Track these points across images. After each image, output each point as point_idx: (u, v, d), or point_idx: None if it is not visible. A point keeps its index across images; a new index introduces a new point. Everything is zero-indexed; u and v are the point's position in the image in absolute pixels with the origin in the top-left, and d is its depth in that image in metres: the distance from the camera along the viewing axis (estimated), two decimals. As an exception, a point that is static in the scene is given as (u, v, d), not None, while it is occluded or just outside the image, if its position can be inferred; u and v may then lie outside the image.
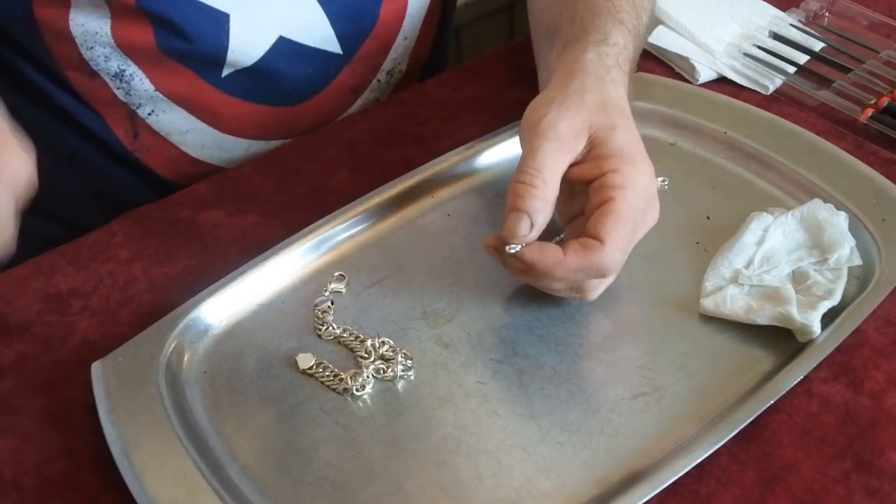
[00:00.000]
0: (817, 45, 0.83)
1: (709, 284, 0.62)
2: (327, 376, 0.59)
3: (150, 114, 0.79)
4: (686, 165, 0.73)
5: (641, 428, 0.56)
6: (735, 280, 0.62)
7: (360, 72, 0.85)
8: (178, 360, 0.60)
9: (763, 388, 0.56)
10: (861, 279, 0.63)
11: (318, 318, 0.62)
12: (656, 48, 0.84)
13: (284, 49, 0.78)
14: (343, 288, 0.65)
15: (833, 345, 0.58)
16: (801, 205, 0.66)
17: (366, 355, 0.60)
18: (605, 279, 0.60)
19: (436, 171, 0.71)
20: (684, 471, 0.52)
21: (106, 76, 0.77)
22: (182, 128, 0.81)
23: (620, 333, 0.61)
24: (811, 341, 0.59)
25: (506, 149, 0.72)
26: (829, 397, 0.57)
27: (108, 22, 0.73)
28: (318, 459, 0.55)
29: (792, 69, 0.81)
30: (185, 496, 0.52)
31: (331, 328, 0.62)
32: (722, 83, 0.81)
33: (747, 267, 0.63)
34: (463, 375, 0.59)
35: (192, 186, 0.75)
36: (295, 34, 0.78)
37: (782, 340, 0.59)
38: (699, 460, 0.53)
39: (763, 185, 0.71)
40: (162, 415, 0.56)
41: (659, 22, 0.85)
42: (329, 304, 0.63)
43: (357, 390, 0.58)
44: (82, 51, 0.75)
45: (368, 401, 0.58)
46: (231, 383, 0.60)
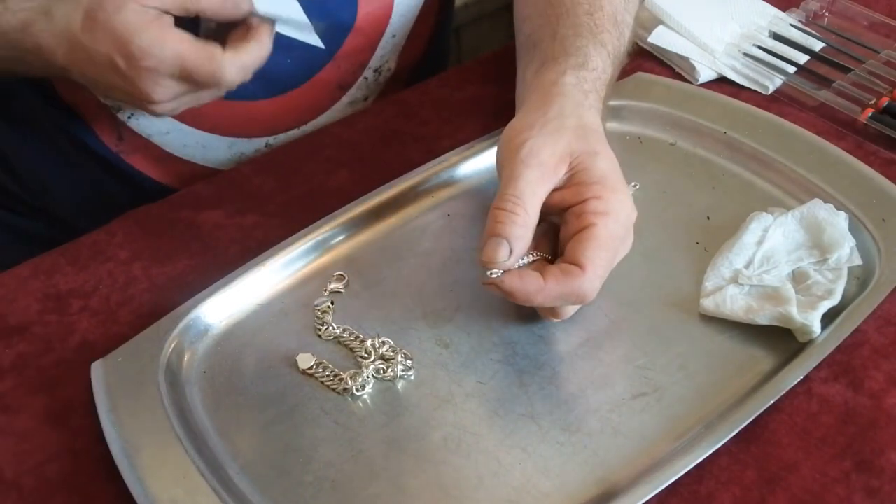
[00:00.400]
0: (817, 45, 0.83)
1: (709, 284, 0.62)
2: (327, 376, 0.59)
3: (129, 117, 0.79)
4: (686, 165, 0.73)
5: (641, 428, 0.56)
6: (735, 280, 0.62)
7: (345, 68, 0.84)
8: (178, 360, 0.60)
9: (763, 388, 0.56)
10: (861, 279, 0.63)
11: (318, 318, 0.62)
12: (656, 48, 0.84)
13: None
14: (343, 288, 0.65)
15: (833, 345, 0.58)
16: (801, 205, 0.66)
17: (366, 355, 0.60)
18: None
19: (436, 171, 0.71)
20: (684, 471, 0.52)
21: None
22: (162, 129, 0.80)
23: (620, 333, 0.61)
24: (811, 341, 0.59)
25: (506, 149, 0.72)
26: (829, 397, 0.57)
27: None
28: (318, 459, 0.55)
29: (792, 69, 0.81)
30: (185, 496, 0.52)
31: (331, 328, 0.62)
32: (722, 83, 0.81)
33: (747, 267, 0.63)
34: (463, 375, 0.59)
35: (192, 186, 0.75)
36: None
37: (782, 340, 0.59)
38: (699, 460, 0.53)
39: (763, 185, 0.71)
40: (162, 415, 0.56)
41: (659, 22, 0.85)
42: (329, 304, 0.63)
43: (357, 390, 0.58)
44: None
45: (368, 401, 0.58)
46: (231, 383, 0.60)
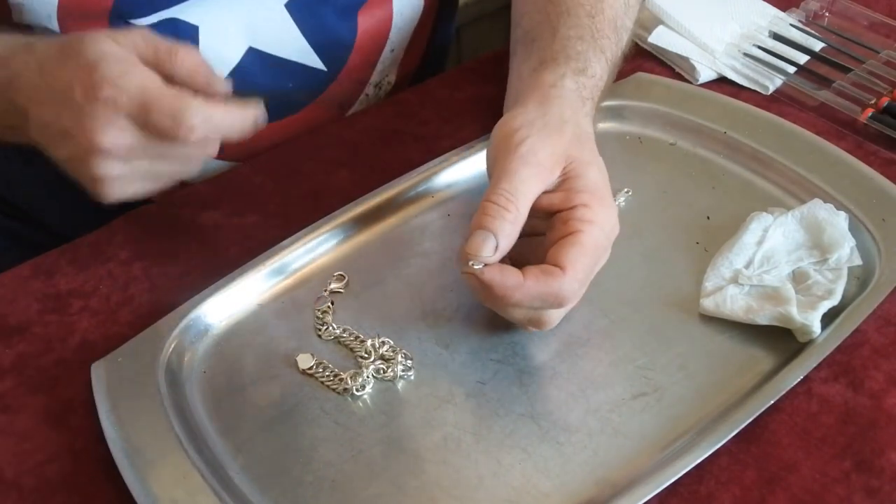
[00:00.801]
0: (817, 45, 0.83)
1: (709, 284, 0.62)
2: (327, 376, 0.59)
3: None
4: (686, 165, 0.73)
5: (641, 428, 0.56)
6: (735, 280, 0.62)
7: (346, 87, 0.84)
8: (178, 360, 0.60)
9: (763, 388, 0.56)
10: (861, 279, 0.63)
11: (318, 318, 0.62)
12: (656, 48, 0.84)
13: (257, 61, 0.77)
14: (343, 288, 0.65)
15: (833, 345, 0.58)
16: (801, 205, 0.66)
17: (366, 355, 0.60)
18: (561, 310, 0.59)
19: (436, 171, 0.71)
20: (684, 471, 0.52)
21: None
22: None
23: (620, 333, 0.61)
24: (811, 341, 0.59)
25: (506, 149, 0.72)
26: (829, 397, 0.57)
27: None
28: (318, 459, 0.55)
29: (792, 69, 0.81)
30: (185, 496, 0.52)
31: (331, 328, 0.62)
32: (722, 83, 0.81)
33: (747, 267, 0.63)
34: (463, 375, 0.59)
35: (193, 186, 0.75)
36: (266, 45, 0.77)
37: (782, 340, 0.60)
38: (699, 460, 0.53)
39: (763, 185, 0.71)
40: (162, 415, 0.56)
41: (659, 22, 0.85)
42: (329, 304, 0.63)
43: (357, 390, 0.58)
44: None
45: (368, 401, 0.58)
46: (231, 383, 0.60)
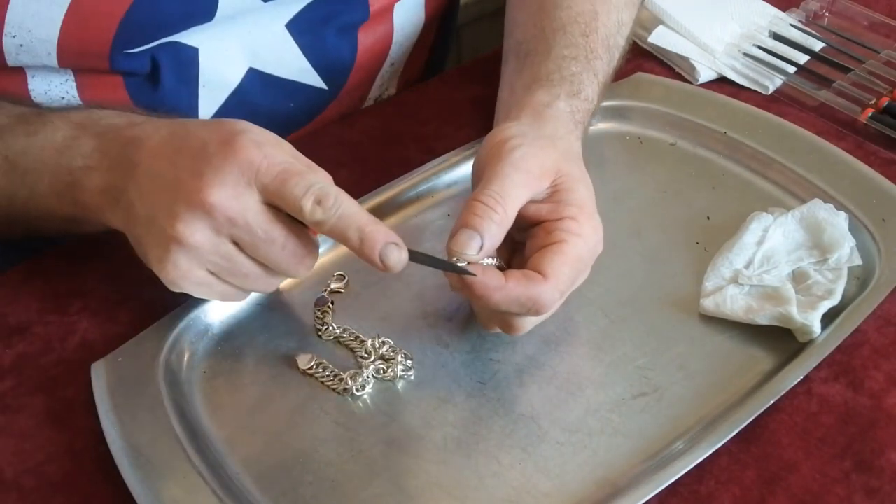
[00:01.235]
0: (817, 45, 0.83)
1: (709, 284, 0.62)
2: (327, 376, 0.59)
3: None
4: (686, 165, 0.73)
5: (641, 428, 0.56)
6: (735, 280, 0.62)
7: (347, 103, 0.84)
8: (178, 360, 0.60)
9: (763, 388, 0.56)
10: (861, 279, 0.63)
11: (318, 318, 0.62)
12: (656, 48, 0.84)
13: (257, 81, 0.77)
14: (343, 288, 0.65)
15: (833, 345, 0.58)
16: (801, 205, 0.66)
17: (366, 355, 0.60)
18: (536, 318, 0.58)
19: (436, 171, 0.71)
20: (684, 471, 0.52)
21: None
22: None
23: (620, 333, 0.61)
24: (811, 341, 0.59)
25: (506, 149, 0.72)
26: (829, 397, 0.57)
27: (73, 85, 0.71)
28: (318, 459, 0.55)
29: (792, 69, 0.81)
30: (185, 496, 0.52)
31: (331, 328, 0.62)
32: (722, 83, 0.81)
33: (747, 267, 0.63)
34: (463, 375, 0.59)
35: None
36: (266, 66, 0.76)
37: (782, 340, 0.60)
38: (699, 460, 0.53)
39: (763, 185, 0.71)
40: (162, 415, 0.56)
41: (659, 22, 0.85)
42: (329, 304, 0.63)
43: (357, 390, 0.58)
44: None
45: (368, 401, 0.58)
46: (231, 383, 0.60)
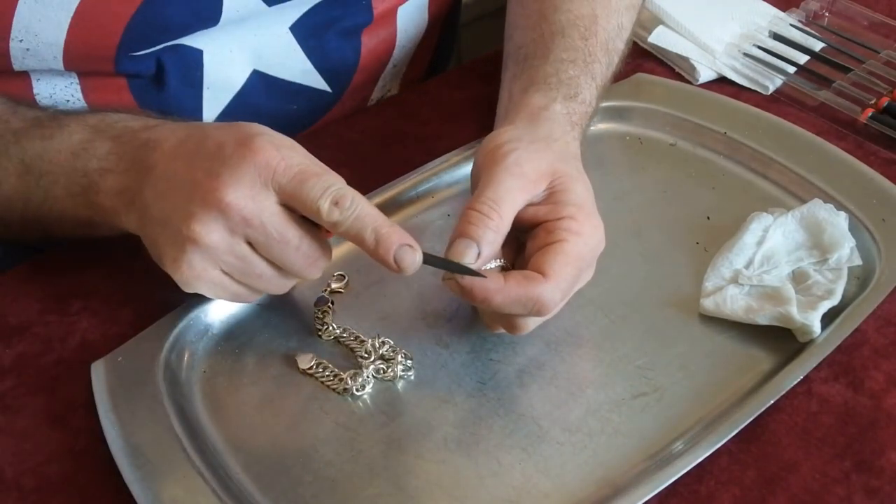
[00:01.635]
0: (817, 45, 0.84)
1: (709, 284, 0.63)
2: (327, 376, 0.59)
3: None
4: (686, 166, 0.73)
5: (641, 428, 0.56)
6: (735, 280, 0.62)
7: (349, 105, 0.84)
8: (178, 359, 0.60)
9: (763, 388, 0.56)
10: (861, 279, 0.63)
11: (318, 318, 0.62)
12: (656, 48, 0.84)
13: (261, 84, 0.77)
14: (343, 288, 0.65)
15: (833, 345, 0.58)
16: (801, 205, 0.66)
17: (366, 355, 0.60)
18: (539, 318, 0.58)
19: (436, 171, 0.71)
20: (684, 471, 0.52)
21: None
22: None
23: (620, 333, 0.61)
24: (811, 341, 0.59)
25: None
26: (829, 397, 0.57)
27: (78, 88, 0.71)
28: (318, 459, 0.55)
29: (792, 69, 0.81)
30: (185, 496, 0.52)
31: (331, 328, 0.62)
32: (722, 83, 0.81)
33: (747, 267, 0.63)
34: (463, 375, 0.59)
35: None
36: (270, 68, 0.77)
37: (782, 340, 0.60)
38: (699, 460, 0.53)
39: (763, 186, 0.71)
40: (162, 415, 0.56)
41: (659, 22, 0.85)
42: (329, 304, 0.63)
43: (357, 390, 0.58)
44: None
45: (368, 401, 0.58)
46: (231, 383, 0.60)
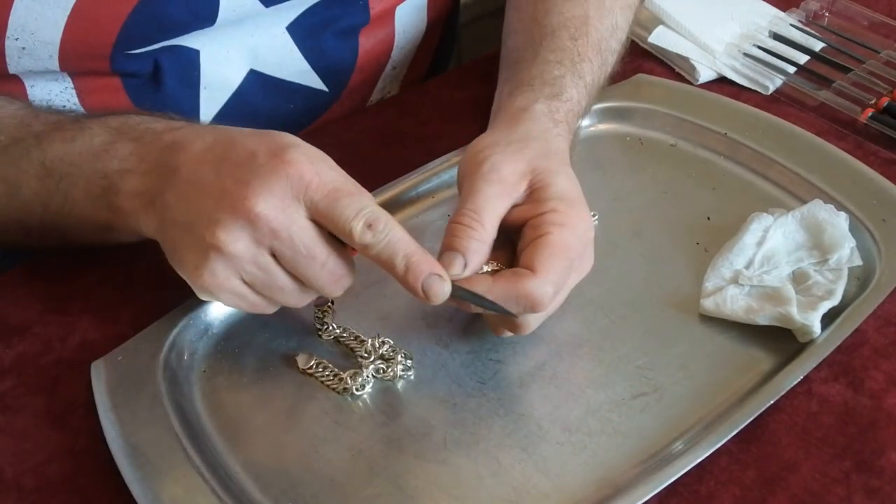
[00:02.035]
0: (817, 45, 0.84)
1: (709, 285, 0.62)
2: (327, 376, 0.59)
3: None
4: (686, 166, 0.73)
5: (641, 428, 0.56)
6: (735, 280, 0.62)
7: (348, 105, 0.84)
8: (177, 359, 0.60)
9: (763, 388, 0.56)
10: (861, 279, 0.63)
11: (318, 318, 0.62)
12: (656, 48, 0.84)
13: (258, 83, 0.77)
14: (343, 288, 0.65)
15: (833, 345, 0.58)
16: (801, 205, 0.66)
17: (366, 355, 0.60)
18: (539, 315, 0.58)
19: (436, 171, 0.71)
20: (684, 471, 0.52)
21: None
22: None
23: (620, 333, 0.61)
24: (811, 341, 0.59)
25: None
26: (830, 397, 0.57)
27: (73, 93, 0.71)
28: (318, 459, 0.55)
29: (792, 69, 0.81)
30: (185, 495, 0.52)
31: (331, 328, 0.62)
32: (722, 83, 0.81)
33: (747, 267, 0.63)
34: (463, 375, 0.59)
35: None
36: (267, 67, 0.77)
37: (782, 340, 0.60)
38: (699, 460, 0.53)
39: (763, 186, 0.71)
40: (162, 414, 0.56)
41: (659, 22, 0.85)
42: (329, 303, 0.63)
43: (357, 390, 0.58)
44: None
45: (368, 401, 0.58)
46: (231, 383, 0.60)
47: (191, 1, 0.68)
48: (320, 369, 0.60)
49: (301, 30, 0.76)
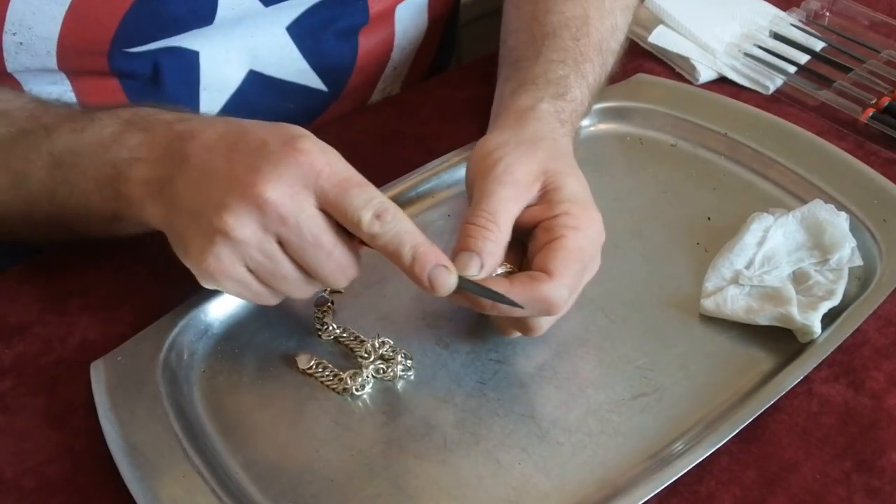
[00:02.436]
0: (818, 45, 0.83)
1: (709, 285, 0.62)
2: (327, 376, 0.59)
3: None
4: (687, 166, 0.73)
5: (641, 428, 0.56)
6: (735, 280, 0.62)
7: (348, 105, 0.84)
8: (177, 359, 0.60)
9: (763, 388, 0.56)
10: (862, 279, 0.63)
11: (318, 318, 0.62)
12: (656, 48, 0.84)
13: (258, 83, 0.77)
14: (343, 288, 0.65)
15: (833, 345, 0.58)
16: (801, 205, 0.66)
17: (366, 355, 0.60)
18: (552, 317, 0.58)
19: (436, 171, 0.71)
20: (684, 471, 0.52)
21: None
22: None
23: (620, 333, 0.61)
24: (812, 341, 0.59)
25: (506, 149, 0.72)
26: (830, 397, 0.57)
27: (72, 95, 0.71)
28: (318, 459, 0.55)
29: (792, 69, 0.81)
30: (185, 496, 0.52)
31: (331, 328, 0.62)
32: (722, 83, 0.81)
33: (748, 267, 0.63)
34: (463, 375, 0.59)
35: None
36: (266, 68, 0.77)
37: (783, 341, 0.59)
38: (699, 460, 0.52)
39: (764, 186, 0.71)
40: (162, 414, 0.56)
41: (659, 22, 0.85)
42: (329, 303, 0.63)
43: (357, 390, 0.58)
44: None
45: (368, 401, 0.58)
46: (231, 383, 0.60)
47: None
48: (320, 369, 0.60)
49: (301, 30, 0.76)
